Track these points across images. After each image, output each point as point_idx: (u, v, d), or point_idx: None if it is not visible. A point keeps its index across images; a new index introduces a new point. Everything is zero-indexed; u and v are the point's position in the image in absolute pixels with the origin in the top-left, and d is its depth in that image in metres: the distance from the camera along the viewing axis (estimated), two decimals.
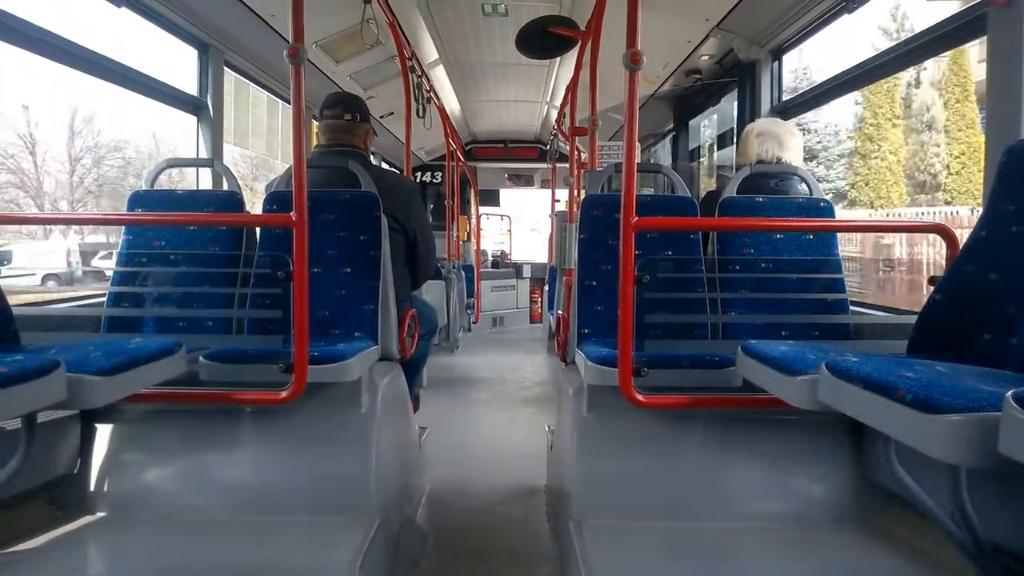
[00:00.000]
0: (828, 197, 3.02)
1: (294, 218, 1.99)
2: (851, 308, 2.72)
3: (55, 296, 2.99)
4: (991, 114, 2.24)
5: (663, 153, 7.36)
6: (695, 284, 2.72)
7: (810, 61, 23.84)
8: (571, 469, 2.38)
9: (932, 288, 1.85)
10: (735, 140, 4.65)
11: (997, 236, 1.68)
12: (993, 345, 1.60)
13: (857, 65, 3.39)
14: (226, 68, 4.07)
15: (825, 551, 2.05)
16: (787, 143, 3.02)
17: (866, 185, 24.14)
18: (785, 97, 4.26)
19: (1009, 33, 2.14)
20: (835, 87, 3.65)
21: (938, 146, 23.66)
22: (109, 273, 2.79)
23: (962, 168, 22.44)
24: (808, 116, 22.51)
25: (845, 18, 3.52)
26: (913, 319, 1.88)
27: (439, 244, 5.09)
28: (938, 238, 2.21)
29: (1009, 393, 1.00)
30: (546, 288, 9.00)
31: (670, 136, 6.73)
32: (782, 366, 1.69)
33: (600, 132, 3.63)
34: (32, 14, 2.66)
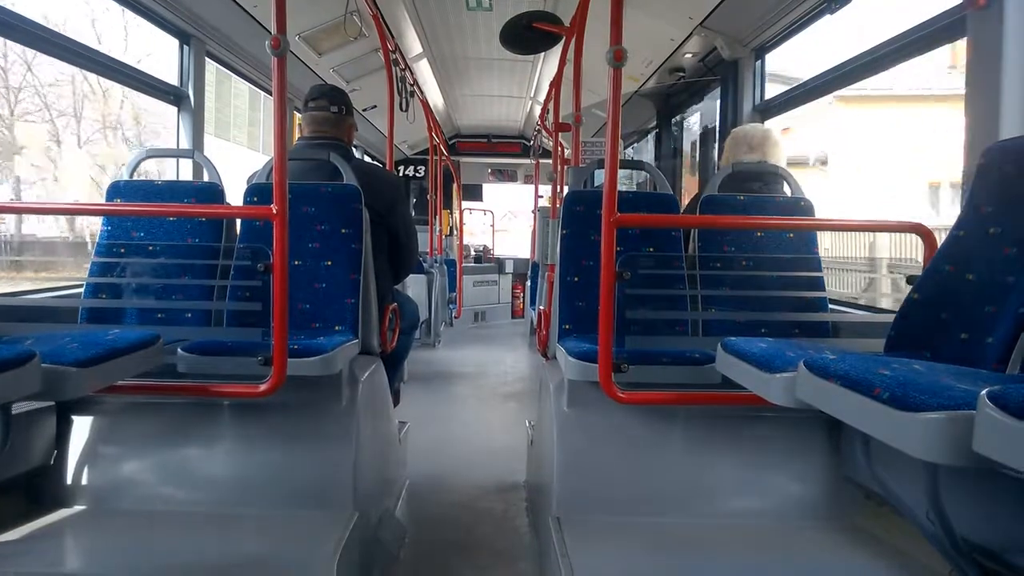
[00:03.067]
0: None
1: (275, 210, 1.98)
2: (830, 306, 2.75)
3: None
4: (970, 116, 2.27)
5: (646, 150, 7.38)
6: (676, 281, 2.73)
7: None
8: (551, 464, 2.38)
9: (910, 287, 1.87)
10: (717, 138, 4.68)
11: (975, 237, 1.70)
12: (970, 344, 1.62)
13: (839, 66, 3.41)
14: (208, 59, 4.03)
15: (802, 547, 2.07)
16: (758, 146, 3.04)
17: None
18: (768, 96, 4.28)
19: (988, 35, 2.16)
20: (816, 87, 3.67)
21: None
22: None
23: None
24: None
25: None
26: (891, 318, 1.89)
27: (421, 238, 5.08)
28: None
29: (984, 392, 1.01)
30: (528, 284, 9.01)
31: (653, 133, 6.74)
32: (761, 363, 1.70)
33: (583, 128, 3.63)
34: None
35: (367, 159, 8.52)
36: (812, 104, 3.80)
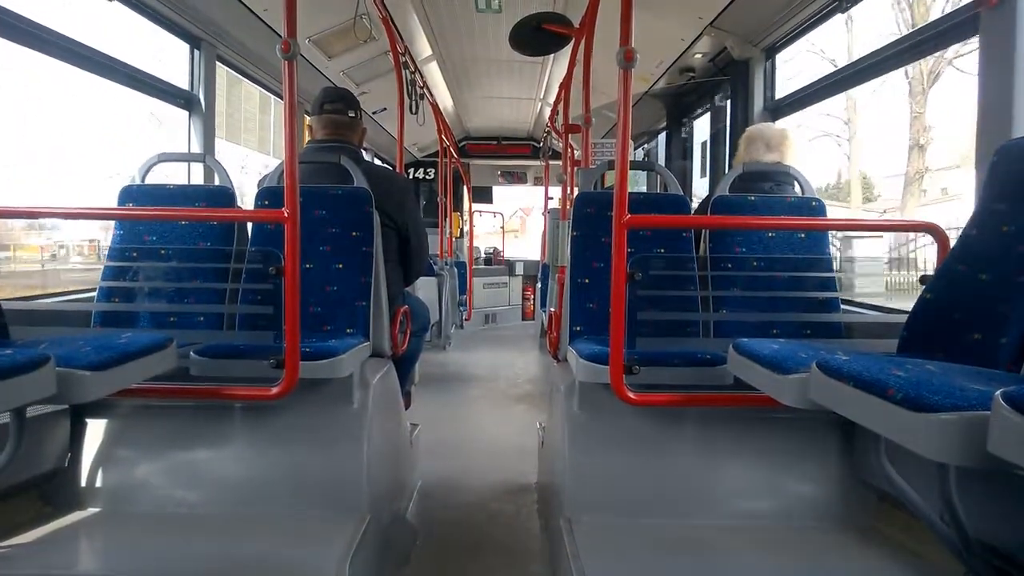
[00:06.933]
0: None
1: (286, 213, 1.99)
2: (842, 307, 2.73)
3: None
4: (982, 113, 2.25)
5: (657, 151, 7.37)
6: (687, 282, 2.72)
7: None
8: (562, 466, 2.38)
9: (923, 287, 1.86)
10: (728, 138, 4.67)
11: (987, 235, 1.69)
12: (983, 344, 1.61)
13: (850, 64, 3.40)
14: (218, 63, 4.05)
15: (815, 549, 2.06)
16: (776, 146, 3.03)
17: None
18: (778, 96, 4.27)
19: (1000, 34, 2.15)
20: (827, 86, 3.66)
21: None
22: None
23: None
24: None
25: None
26: (904, 318, 1.88)
27: (431, 241, 5.07)
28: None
29: (998, 392, 1.00)
30: (538, 285, 9.01)
31: (663, 134, 6.73)
32: (773, 364, 1.69)
33: (593, 130, 3.64)
34: (14, 3, 2.65)
35: (377, 162, 8.54)
36: None
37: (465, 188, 10.67)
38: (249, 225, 2.84)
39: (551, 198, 8.38)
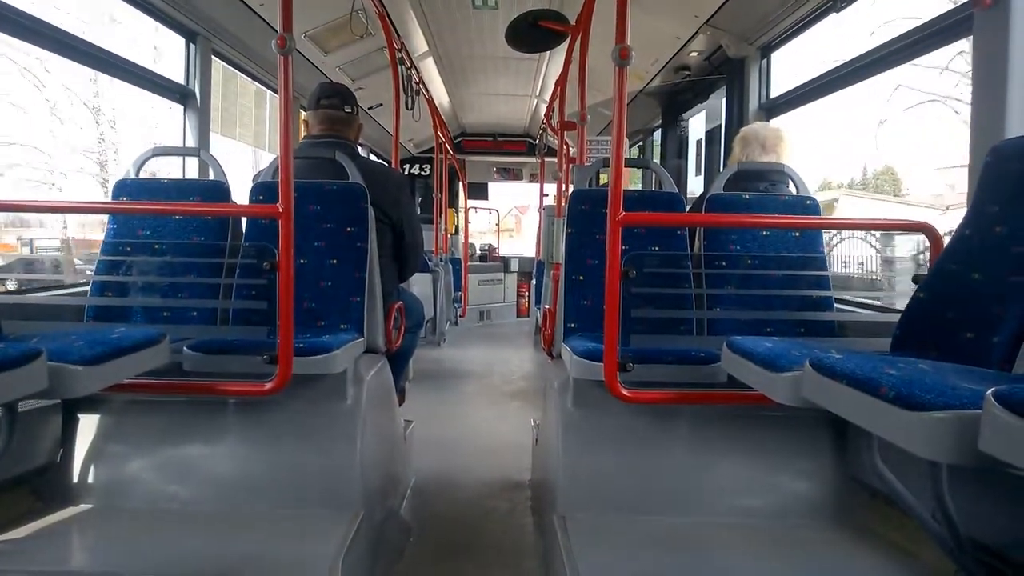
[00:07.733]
0: None
1: (280, 209, 1.98)
2: (836, 305, 2.74)
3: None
4: (975, 114, 2.26)
5: (652, 149, 7.37)
6: (682, 280, 2.72)
7: None
8: (556, 463, 2.38)
9: (916, 286, 1.86)
10: (723, 137, 4.67)
11: (980, 236, 1.69)
12: (976, 343, 1.61)
13: (845, 64, 3.40)
14: (214, 57, 4.04)
15: (807, 547, 2.06)
16: (772, 147, 3.03)
17: None
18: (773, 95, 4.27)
19: (994, 34, 2.15)
20: (822, 85, 3.66)
21: None
22: None
23: None
24: None
25: None
26: (897, 317, 1.89)
27: (427, 237, 5.07)
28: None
29: (989, 391, 1.00)
30: (533, 282, 9.01)
31: (659, 132, 6.74)
32: (767, 362, 1.70)
33: (589, 127, 3.63)
34: None
35: (372, 157, 8.52)
36: None
37: (460, 184, 10.66)
38: (244, 220, 2.83)
39: (546, 195, 8.37)
